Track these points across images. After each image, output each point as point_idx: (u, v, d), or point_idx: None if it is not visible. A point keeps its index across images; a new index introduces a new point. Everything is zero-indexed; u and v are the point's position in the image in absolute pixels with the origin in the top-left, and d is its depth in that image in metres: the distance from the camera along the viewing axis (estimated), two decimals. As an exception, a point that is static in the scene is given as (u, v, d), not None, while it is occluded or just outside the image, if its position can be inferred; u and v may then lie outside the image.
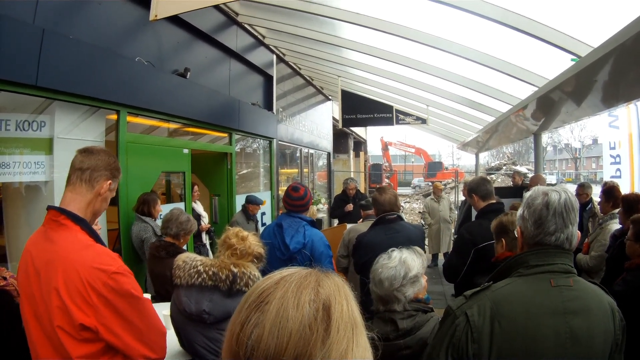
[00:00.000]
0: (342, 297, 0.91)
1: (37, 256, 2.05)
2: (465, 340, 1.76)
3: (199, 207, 7.35)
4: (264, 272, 2.89)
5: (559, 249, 1.84)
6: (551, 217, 1.83)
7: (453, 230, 11.11)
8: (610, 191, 5.48)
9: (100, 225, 4.44)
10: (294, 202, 4.16)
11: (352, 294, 0.95)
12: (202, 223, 7.26)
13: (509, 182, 24.50)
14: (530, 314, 1.74)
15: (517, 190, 7.60)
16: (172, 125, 6.71)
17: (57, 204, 2.15)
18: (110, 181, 2.21)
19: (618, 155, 11.25)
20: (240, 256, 2.85)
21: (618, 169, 11.21)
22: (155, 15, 4.57)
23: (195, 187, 7.39)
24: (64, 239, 2.03)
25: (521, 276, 1.84)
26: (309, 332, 0.83)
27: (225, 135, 8.20)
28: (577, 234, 1.89)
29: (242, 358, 0.84)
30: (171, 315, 3.01)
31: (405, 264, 2.54)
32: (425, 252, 5.07)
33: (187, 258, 2.91)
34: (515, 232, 2.01)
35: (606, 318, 1.80)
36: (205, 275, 2.77)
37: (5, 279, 2.89)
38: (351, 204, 8.96)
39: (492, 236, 3.12)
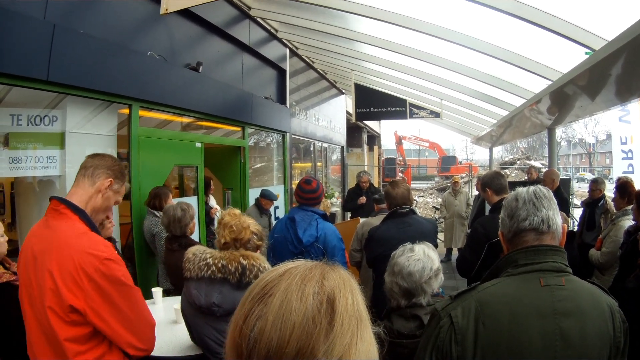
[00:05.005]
0: (347, 290, 0.90)
1: (37, 243, 2.16)
2: (449, 342, 1.72)
3: (212, 201, 7.38)
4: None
5: (550, 248, 1.78)
6: (521, 205, 1.86)
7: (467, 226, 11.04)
8: (624, 186, 5.38)
9: (114, 223, 4.49)
10: (307, 195, 4.14)
11: (359, 288, 0.94)
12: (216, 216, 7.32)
13: (523, 177, 24.29)
14: (516, 314, 1.68)
15: (532, 185, 7.52)
16: (185, 119, 6.73)
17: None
18: (111, 179, 2.33)
19: (630, 151, 11.09)
20: (238, 231, 2.87)
21: (630, 164, 11.06)
22: (166, 9, 4.60)
23: (211, 183, 7.43)
24: (62, 226, 2.14)
25: (510, 276, 1.78)
26: (312, 325, 0.82)
27: (239, 129, 8.21)
28: (563, 225, 1.86)
29: (244, 351, 0.84)
30: (182, 309, 3.03)
31: (429, 257, 2.59)
32: (438, 247, 5.07)
33: (197, 251, 2.93)
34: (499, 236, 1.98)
35: (603, 319, 1.71)
36: (214, 268, 2.78)
37: (15, 273, 2.96)
38: (364, 197, 8.94)
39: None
